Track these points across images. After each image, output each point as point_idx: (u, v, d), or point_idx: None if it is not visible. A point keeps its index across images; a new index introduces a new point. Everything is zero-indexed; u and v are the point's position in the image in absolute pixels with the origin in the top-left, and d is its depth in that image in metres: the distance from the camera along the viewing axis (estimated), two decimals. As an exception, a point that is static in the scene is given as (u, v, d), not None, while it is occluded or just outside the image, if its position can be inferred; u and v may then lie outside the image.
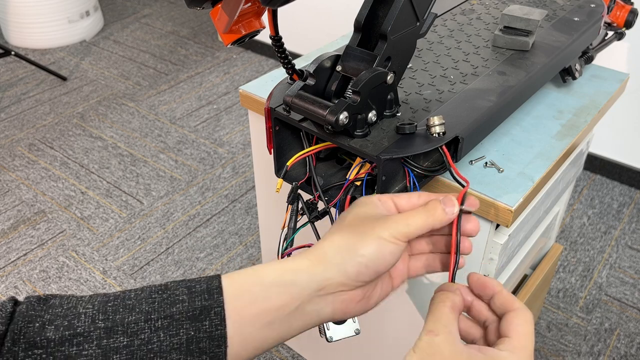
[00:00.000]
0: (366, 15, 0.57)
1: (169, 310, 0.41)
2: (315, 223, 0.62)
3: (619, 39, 0.99)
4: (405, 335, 0.91)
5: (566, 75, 0.84)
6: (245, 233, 1.64)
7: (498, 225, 0.70)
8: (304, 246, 0.59)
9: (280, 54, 0.53)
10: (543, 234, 0.99)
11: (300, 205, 0.61)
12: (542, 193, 0.77)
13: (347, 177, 0.59)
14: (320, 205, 0.62)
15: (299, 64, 0.89)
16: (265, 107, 0.62)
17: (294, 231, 0.60)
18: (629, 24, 0.95)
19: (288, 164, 0.60)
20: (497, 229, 0.71)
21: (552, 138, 0.74)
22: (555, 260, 1.16)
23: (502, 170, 0.67)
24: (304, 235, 0.62)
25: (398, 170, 0.58)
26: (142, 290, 0.43)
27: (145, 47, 2.66)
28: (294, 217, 0.60)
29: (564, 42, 0.80)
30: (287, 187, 0.62)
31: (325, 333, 0.53)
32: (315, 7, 2.26)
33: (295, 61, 0.72)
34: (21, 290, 1.45)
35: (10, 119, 2.12)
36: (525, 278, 1.11)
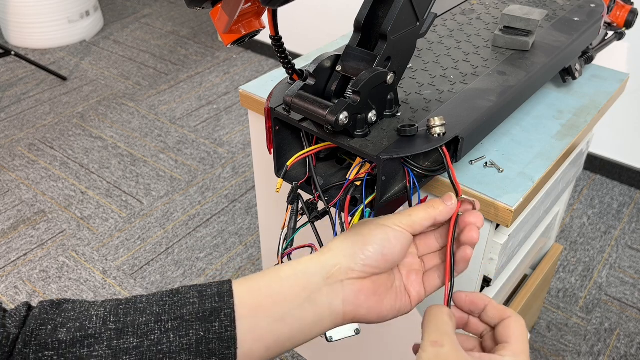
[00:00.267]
0: (366, 15, 0.57)
1: (179, 312, 0.42)
2: (315, 223, 0.62)
3: (619, 39, 0.99)
4: (404, 335, 0.91)
5: (566, 75, 0.84)
6: (245, 233, 1.64)
7: (498, 225, 0.70)
8: (304, 246, 0.59)
9: (280, 54, 0.53)
10: (543, 234, 0.99)
11: (300, 205, 0.61)
12: (542, 193, 0.77)
13: (347, 177, 0.59)
14: (320, 205, 0.62)
15: (299, 64, 0.89)
16: (265, 107, 0.62)
17: (294, 231, 0.60)
18: (629, 24, 0.95)
19: (288, 164, 0.60)
20: (497, 229, 0.71)
21: (552, 138, 0.74)
22: (555, 260, 1.17)
23: (502, 170, 0.67)
24: (304, 235, 0.62)
25: (398, 170, 0.58)
26: (154, 295, 0.44)
27: (145, 47, 2.66)
28: (294, 217, 0.60)
29: (564, 42, 0.80)
30: (287, 187, 0.62)
31: (325, 333, 0.53)
32: (315, 7, 2.26)
33: (295, 61, 0.72)
34: (21, 290, 1.45)
35: (10, 119, 2.12)
36: (525, 278, 1.11)
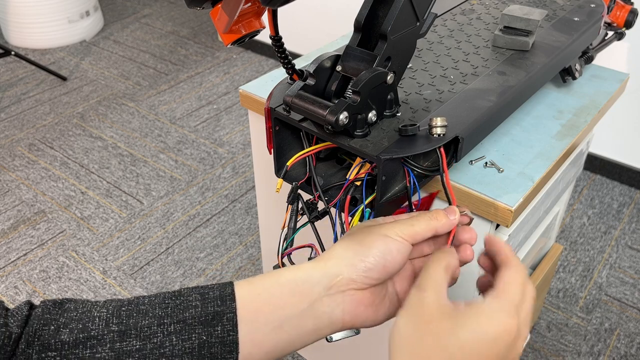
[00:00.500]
0: (366, 15, 0.57)
1: (181, 315, 0.42)
2: (315, 223, 0.62)
3: (619, 39, 0.99)
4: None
5: (566, 75, 0.84)
6: (245, 233, 1.64)
7: (498, 225, 0.70)
8: (304, 246, 0.59)
9: (280, 54, 0.53)
10: (543, 234, 0.99)
11: (300, 205, 0.61)
12: (542, 193, 0.77)
13: (347, 177, 0.59)
14: (320, 205, 0.62)
15: (299, 64, 0.89)
16: (265, 107, 0.62)
17: (294, 231, 0.60)
18: (629, 24, 0.95)
19: (288, 164, 0.60)
20: (497, 229, 0.71)
21: (552, 138, 0.74)
22: (555, 260, 1.16)
23: (502, 170, 0.67)
24: (304, 235, 0.62)
25: (398, 170, 0.58)
26: (156, 297, 0.44)
27: (145, 47, 2.66)
28: (294, 217, 0.60)
29: (564, 42, 0.80)
30: (287, 187, 0.62)
31: (325, 333, 0.53)
32: (315, 7, 2.26)
33: (295, 61, 0.72)
34: (21, 290, 1.45)
35: (10, 119, 2.12)
36: (525, 278, 1.11)
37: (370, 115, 0.57)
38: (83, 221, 1.67)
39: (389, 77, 0.57)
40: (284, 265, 0.59)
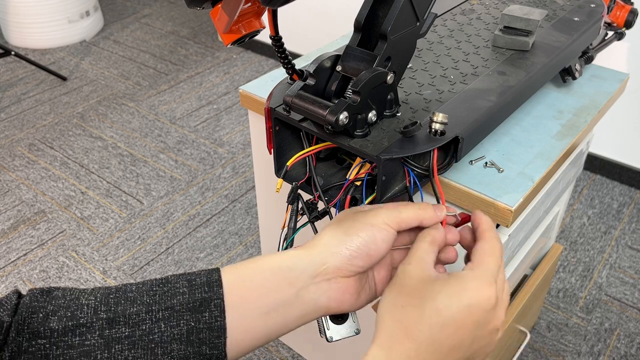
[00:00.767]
0: (366, 15, 0.57)
1: (169, 302, 0.42)
2: (315, 223, 0.62)
3: (619, 39, 0.99)
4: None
5: (566, 75, 0.84)
6: (245, 233, 1.64)
7: (498, 225, 0.70)
8: (304, 246, 0.59)
9: (280, 54, 0.53)
10: (543, 234, 0.99)
11: (300, 205, 0.61)
12: (542, 193, 0.77)
13: (347, 177, 0.59)
14: (320, 205, 0.62)
15: (299, 64, 0.89)
16: (265, 107, 0.62)
17: (294, 231, 0.60)
18: (629, 24, 0.95)
19: (288, 164, 0.61)
20: (497, 229, 0.71)
21: (552, 138, 0.74)
22: (555, 260, 1.16)
23: (502, 170, 0.67)
24: (304, 235, 0.62)
25: (398, 170, 0.58)
26: (143, 284, 0.44)
27: (145, 47, 2.66)
28: (294, 217, 0.60)
29: (564, 42, 0.80)
30: (287, 187, 0.62)
31: (325, 333, 0.53)
32: (315, 7, 2.26)
33: (295, 61, 0.72)
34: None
35: (10, 119, 2.12)
36: (525, 278, 1.11)
37: (370, 115, 0.57)
38: (83, 221, 1.67)
39: (389, 77, 0.57)
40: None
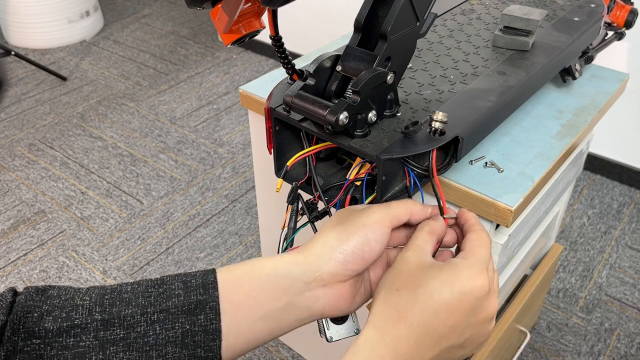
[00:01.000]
0: (366, 15, 0.57)
1: (164, 304, 0.42)
2: (315, 223, 0.62)
3: (619, 39, 0.99)
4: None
5: (566, 75, 0.84)
6: (245, 233, 1.64)
7: (498, 225, 0.70)
8: (304, 246, 0.59)
9: (280, 54, 0.53)
10: (543, 234, 0.99)
11: (300, 205, 0.61)
12: (542, 193, 0.77)
13: (347, 177, 0.59)
14: (320, 205, 0.62)
15: (299, 64, 0.89)
16: (265, 107, 0.62)
17: (294, 231, 0.60)
18: (629, 24, 0.95)
19: (288, 164, 0.61)
20: (497, 229, 0.71)
21: (552, 138, 0.74)
22: (555, 260, 1.17)
23: (502, 170, 0.67)
24: (304, 235, 0.62)
25: (398, 170, 0.58)
26: (139, 284, 0.44)
27: (145, 47, 2.66)
28: (294, 217, 0.60)
29: (564, 42, 0.80)
30: (287, 187, 0.62)
31: (325, 333, 0.53)
32: (315, 7, 2.26)
33: (295, 61, 0.72)
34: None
35: (10, 119, 2.12)
36: (525, 278, 1.11)
37: (370, 115, 0.57)
38: (83, 221, 1.67)
39: (389, 77, 0.57)
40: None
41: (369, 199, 0.58)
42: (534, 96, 0.82)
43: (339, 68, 0.58)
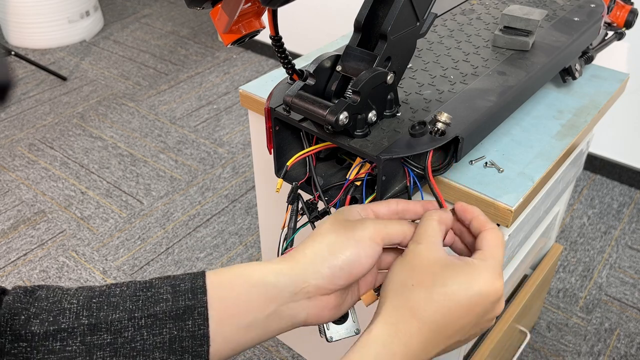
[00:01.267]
0: (366, 15, 0.57)
1: (152, 309, 0.42)
2: (315, 223, 0.62)
3: (619, 39, 0.99)
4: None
5: (566, 75, 0.84)
6: (245, 233, 1.64)
7: (498, 225, 0.70)
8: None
9: (280, 54, 0.53)
10: (543, 234, 0.99)
11: (300, 205, 0.61)
12: (542, 193, 0.77)
13: (347, 177, 0.59)
14: (320, 205, 0.62)
15: (299, 64, 0.89)
16: (265, 107, 0.62)
17: (294, 231, 0.60)
18: (629, 24, 0.95)
19: (288, 164, 0.61)
20: (497, 229, 0.71)
21: (552, 138, 0.74)
22: (555, 260, 1.17)
23: (502, 170, 0.67)
24: (304, 235, 0.62)
25: (398, 170, 0.58)
26: (127, 287, 0.44)
27: (145, 47, 2.66)
28: (294, 217, 0.60)
29: (564, 42, 0.80)
30: (287, 187, 0.62)
31: (325, 333, 0.53)
32: (315, 7, 2.26)
33: (295, 61, 0.72)
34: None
35: (10, 119, 2.12)
36: (525, 278, 1.11)
37: (370, 115, 0.57)
38: (83, 221, 1.67)
39: (389, 77, 0.57)
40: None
41: (369, 198, 0.58)
42: (534, 96, 0.82)
43: (339, 68, 0.58)
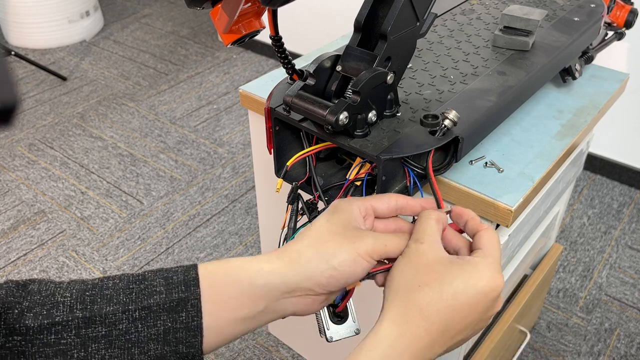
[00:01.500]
0: (366, 15, 0.57)
1: (146, 302, 0.42)
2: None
3: (619, 39, 0.99)
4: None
5: (566, 75, 0.84)
6: (245, 233, 1.64)
7: (498, 225, 0.70)
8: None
9: (280, 54, 0.53)
10: (543, 234, 0.99)
11: (300, 205, 0.61)
12: (542, 193, 0.77)
13: (347, 177, 0.59)
14: (320, 205, 0.62)
15: (299, 64, 0.89)
16: (265, 107, 0.62)
17: (294, 231, 0.60)
18: (629, 24, 0.95)
19: (288, 164, 0.61)
20: (497, 229, 0.71)
21: (552, 138, 0.74)
22: (555, 260, 1.17)
23: (502, 170, 0.67)
24: (304, 235, 0.62)
25: (398, 170, 0.58)
26: (120, 279, 0.44)
27: (145, 47, 2.66)
28: (294, 217, 0.60)
29: (564, 42, 0.80)
30: (287, 187, 0.62)
31: (325, 333, 0.53)
32: (315, 7, 2.26)
33: (295, 61, 0.72)
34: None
35: (10, 119, 2.12)
36: (525, 278, 1.11)
37: (370, 115, 0.57)
38: (83, 221, 1.67)
39: (389, 77, 0.57)
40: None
41: (369, 199, 0.58)
42: (534, 96, 0.82)
43: (339, 68, 0.58)
